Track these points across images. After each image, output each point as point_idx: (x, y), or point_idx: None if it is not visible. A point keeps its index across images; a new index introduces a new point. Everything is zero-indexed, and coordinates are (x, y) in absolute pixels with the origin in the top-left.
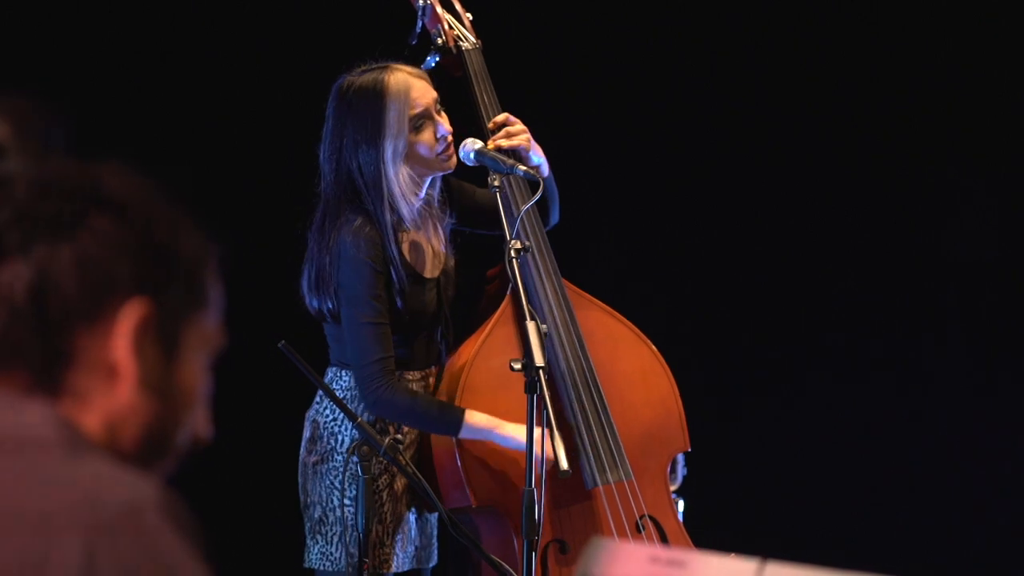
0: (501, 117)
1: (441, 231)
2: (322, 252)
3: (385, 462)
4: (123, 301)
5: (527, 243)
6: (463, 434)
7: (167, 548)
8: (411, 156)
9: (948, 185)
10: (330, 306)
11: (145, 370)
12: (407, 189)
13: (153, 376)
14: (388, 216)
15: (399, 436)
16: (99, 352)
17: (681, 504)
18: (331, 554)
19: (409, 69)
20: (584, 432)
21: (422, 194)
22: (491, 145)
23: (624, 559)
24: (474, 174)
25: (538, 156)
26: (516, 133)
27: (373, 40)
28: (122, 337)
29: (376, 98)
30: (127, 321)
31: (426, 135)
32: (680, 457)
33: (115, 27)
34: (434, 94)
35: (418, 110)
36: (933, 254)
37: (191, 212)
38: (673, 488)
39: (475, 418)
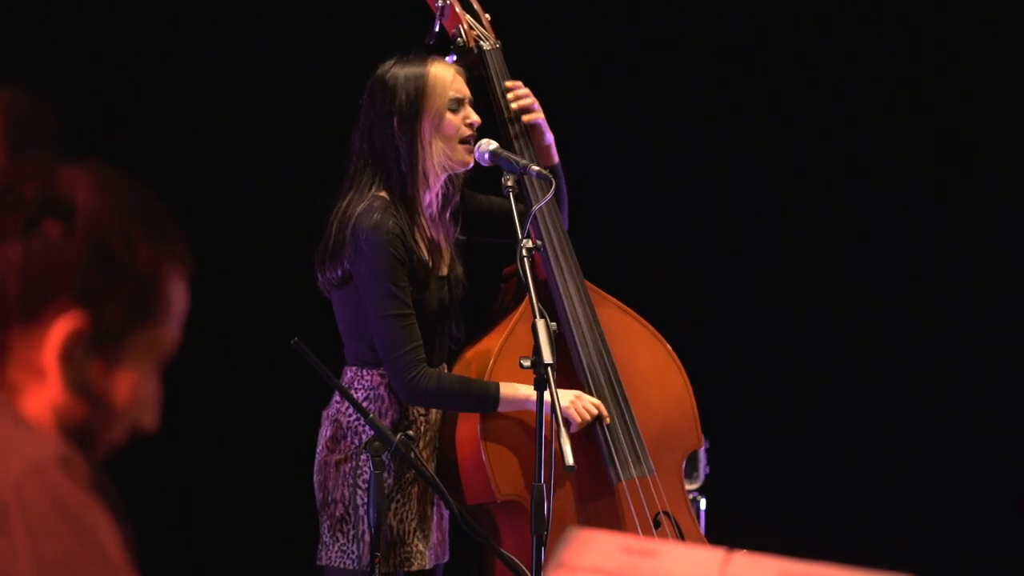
0: (513, 84)
1: (451, 235)
2: (341, 223)
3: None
4: (61, 309)
5: (539, 242)
6: (501, 407)
7: (76, 505)
8: (441, 135)
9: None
10: (338, 274)
11: (72, 378)
12: (439, 166)
13: (81, 384)
14: (420, 191)
15: (411, 432)
16: (32, 352)
17: (704, 502)
18: (352, 552)
19: (452, 64)
20: (608, 428)
21: (440, 182)
22: (513, 103)
23: (598, 549)
24: (486, 178)
25: (549, 134)
26: (529, 100)
27: (389, 40)
28: (53, 344)
29: (419, 78)
30: (60, 330)
31: (457, 118)
32: (703, 455)
33: (129, 26)
34: (469, 92)
35: (458, 94)
36: (949, 250)
37: (161, 228)
38: (696, 486)
39: (510, 390)
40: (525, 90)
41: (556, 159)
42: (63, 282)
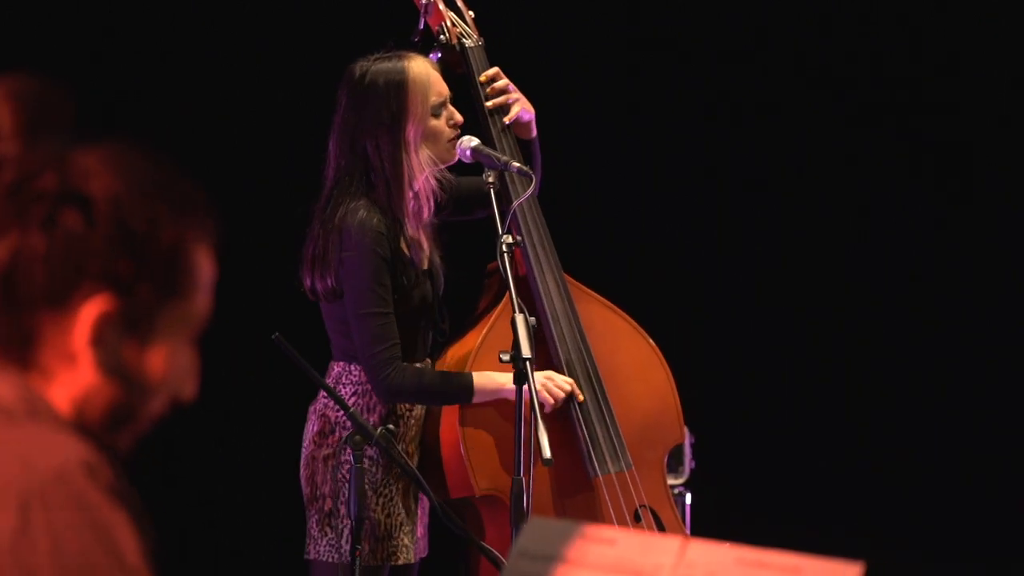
0: (492, 71)
1: (428, 225)
2: (326, 231)
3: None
4: (89, 293)
5: (519, 237)
6: (477, 398)
7: (98, 509)
8: (428, 140)
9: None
10: (330, 284)
11: (107, 358)
12: (424, 168)
13: (113, 365)
14: (406, 199)
15: (391, 426)
16: (62, 337)
17: (689, 497)
18: (341, 546)
19: (426, 59)
20: (585, 423)
21: (422, 182)
22: (488, 102)
23: (558, 537)
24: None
25: (528, 113)
26: (504, 97)
27: (374, 37)
28: (83, 328)
29: (398, 83)
30: (89, 314)
31: (441, 123)
32: (688, 450)
33: (119, 21)
34: (447, 88)
35: (439, 99)
36: (945, 246)
37: (181, 200)
38: (681, 481)
39: (484, 380)
40: (502, 84)
41: (534, 132)
42: (88, 268)
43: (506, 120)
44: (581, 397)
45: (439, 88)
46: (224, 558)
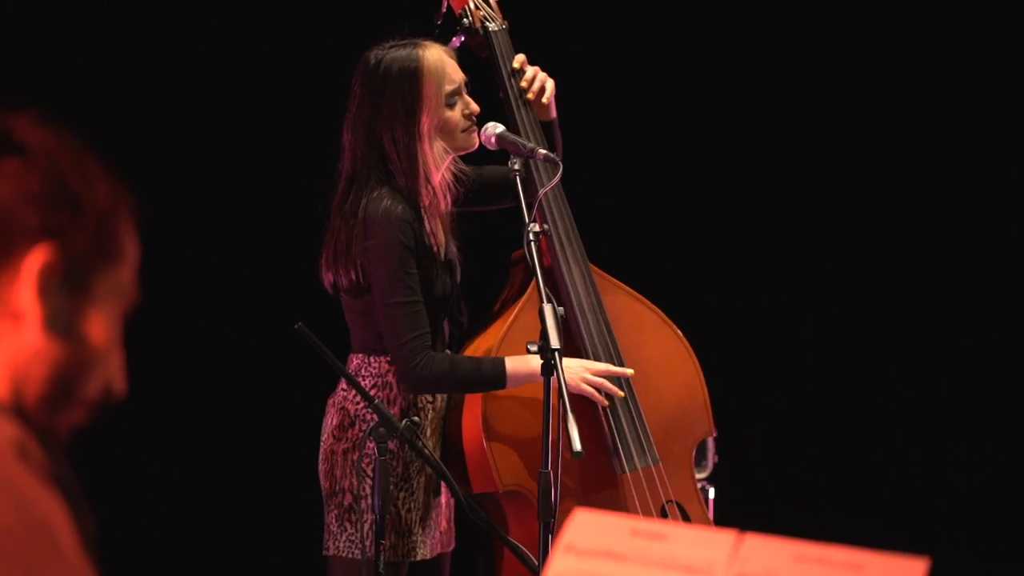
0: (519, 59)
1: (447, 215)
2: (348, 225)
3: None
4: (30, 246)
5: (545, 226)
6: (510, 384)
7: (24, 486)
8: (442, 132)
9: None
10: (353, 278)
11: (51, 313)
12: (439, 164)
13: (60, 320)
14: (423, 191)
15: (416, 419)
16: (5, 296)
17: (712, 492)
18: (360, 541)
19: (440, 47)
20: (612, 418)
21: (441, 173)
22: (529, 92)
23: (607, 531)
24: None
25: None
26: (539, 83)
27: (398, 20)
28: (27, 281)
29: (413, 72)
30: (33, 264)
31: (456, 112)
32: (711, 444)
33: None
34: (463, 74)
35: (453, 86)
36: (959, 238)
37: (109, 173)
38: (704, 475)
39: (517, 364)
40: (532, 71)
41: (554, 113)
42: (27, 218)
43: (544, 100)
44: (621, 393)
45: (453, 75)
46: (240, 554)
